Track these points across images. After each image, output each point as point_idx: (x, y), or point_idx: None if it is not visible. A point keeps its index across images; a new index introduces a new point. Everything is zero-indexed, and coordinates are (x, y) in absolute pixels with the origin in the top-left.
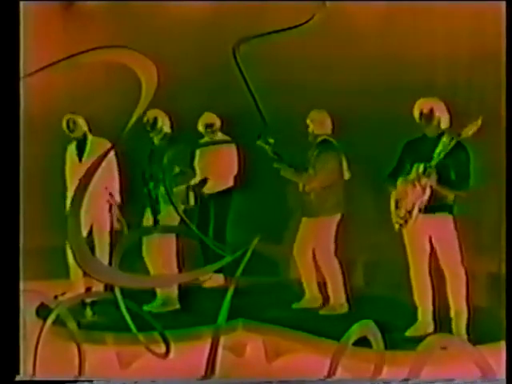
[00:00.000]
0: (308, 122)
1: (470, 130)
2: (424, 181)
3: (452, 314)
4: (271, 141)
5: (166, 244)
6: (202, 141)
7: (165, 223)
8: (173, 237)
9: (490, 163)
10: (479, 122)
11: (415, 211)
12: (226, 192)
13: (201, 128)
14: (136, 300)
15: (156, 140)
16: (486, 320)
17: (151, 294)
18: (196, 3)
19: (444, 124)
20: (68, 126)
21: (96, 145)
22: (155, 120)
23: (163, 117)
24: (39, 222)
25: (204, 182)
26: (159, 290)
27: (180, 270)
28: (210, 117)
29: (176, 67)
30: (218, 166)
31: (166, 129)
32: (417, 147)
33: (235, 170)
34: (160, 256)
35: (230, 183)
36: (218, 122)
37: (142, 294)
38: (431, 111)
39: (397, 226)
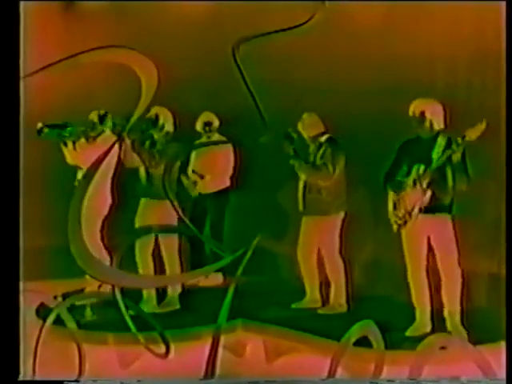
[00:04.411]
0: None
1: (474, 134)
2: (425, 182)
3: (445, 313)
4: (294, 135)
5: (169, 244)
6: (198, 142)
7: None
8: (175, 236)
9: (489, 163)
10: (484, 124)
11: (415, 212)
12: (223, 192)
13: (199, 127)
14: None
15: (156, 136)
16: (486, 320)
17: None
18: (196, 3)
19: (437, 125)
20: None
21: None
22: (157, 117)
23: (166, 115)
24: (39, 222)
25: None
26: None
27: (182, 270)
28: (208, 116)
29: (176, 67)
30: (214, 167)
31: (168, 127)
32: (412, 148)
33: (231, 171)
34: (164, 256)
35: (227, 183)
36: (216, 122)
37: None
38: (422, 113)
39: (395, 227)
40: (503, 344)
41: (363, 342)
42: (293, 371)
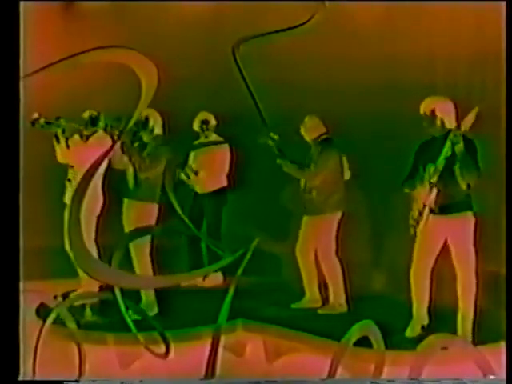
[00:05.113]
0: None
1: (468, 122)
2: (433, 179)
3: (459, 316)
4: (276, 137)
5: (141, 244)
6: (196, 142)
7: None
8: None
9: (489, 163)
10: (474, 113)
11: (426, 211)
12: (220, 192)
13: (196, 126)
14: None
15: (145, 138)
16: (486, 320)
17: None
18: (196, 3)
19: (449, 124)
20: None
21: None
22: (146, 119)
23: (156, 117)
24: (39, 222)
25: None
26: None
27: (155, 272)
28: (205, 115)
29: (176, 67)
30: (211, 166)
31: (158, 130)
32: (427, 149)
33: (227, 170)
34: (136, 256)
35: (224, 183)
36: (213, 121)
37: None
38: (433, 111)
39: (412, 229)
40: (503, 344)
41: (363, 342)
42: (293, 371)
